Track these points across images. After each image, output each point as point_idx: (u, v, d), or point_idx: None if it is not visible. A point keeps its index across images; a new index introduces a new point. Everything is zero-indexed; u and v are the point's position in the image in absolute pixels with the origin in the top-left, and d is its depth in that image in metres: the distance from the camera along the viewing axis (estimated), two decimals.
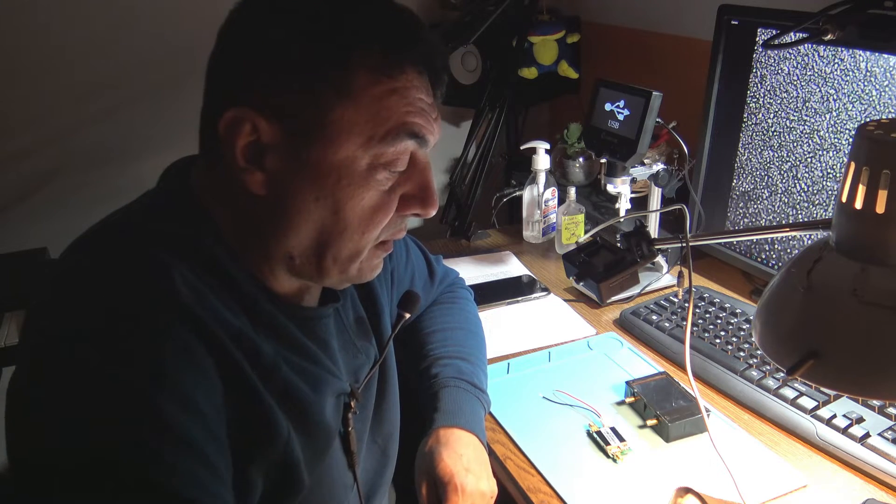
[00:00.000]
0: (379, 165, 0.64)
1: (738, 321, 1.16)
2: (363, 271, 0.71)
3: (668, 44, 1.61)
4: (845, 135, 1.09)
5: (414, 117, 0.64)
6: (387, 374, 0.87)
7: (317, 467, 0.71)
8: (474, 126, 1.66)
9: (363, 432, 0.82)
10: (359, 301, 0.84)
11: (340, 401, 0.76)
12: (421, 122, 0.65)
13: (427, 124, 0.66)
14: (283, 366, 0.67)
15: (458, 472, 0.83)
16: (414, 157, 0.67)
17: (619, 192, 1.34)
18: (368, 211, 0.65)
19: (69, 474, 0.53)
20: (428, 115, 0.66)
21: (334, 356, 0.75)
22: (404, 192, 0.67)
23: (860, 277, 0.56)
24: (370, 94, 0.62)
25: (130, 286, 0.59)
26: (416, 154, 0.67)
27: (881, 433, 0.89)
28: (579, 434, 0.97)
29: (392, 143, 0.63)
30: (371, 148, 0.63)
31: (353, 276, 0.70)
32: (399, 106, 0.63)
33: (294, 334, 0.70)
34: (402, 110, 0.63)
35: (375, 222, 0.66)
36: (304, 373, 0.70)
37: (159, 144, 1.36)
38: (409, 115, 0.64)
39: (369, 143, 0.63)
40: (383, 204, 0.66)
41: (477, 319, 1.11)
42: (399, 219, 0.69)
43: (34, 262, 1.41)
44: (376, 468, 0.86)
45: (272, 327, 0.68)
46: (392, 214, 0.67)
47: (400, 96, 0.63)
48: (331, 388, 0.73)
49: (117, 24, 1.51)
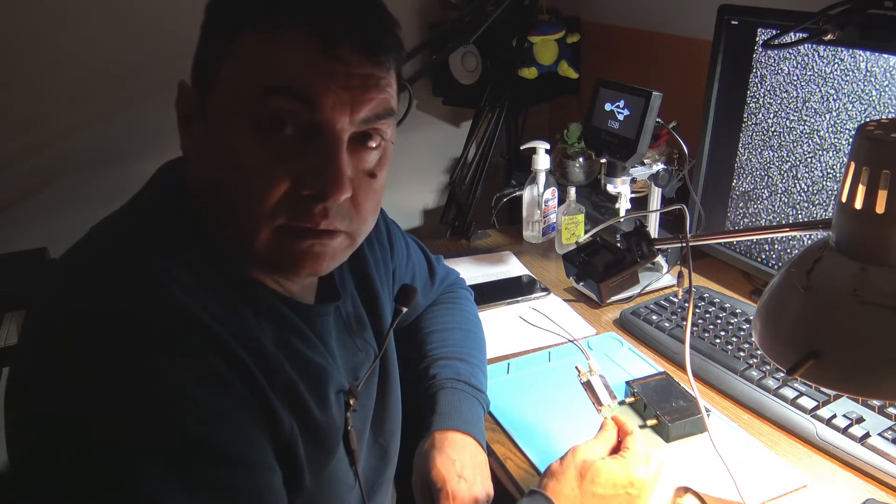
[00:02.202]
0: (260, 125, 0.60)
1: (738, 321, 1.16)
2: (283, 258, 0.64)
3: (668, 44, 1.61)
4: (845, 135, 1.09)
5: (293, 75, 0.59)
6: (388, 372, 0.87)
7: (322, 468, 0.71)
8: (474, 126, 1.65)
9: (363, 431, 0.82)
10: (360, 301, 0.84)
11: (340, 398, 0.76)
12: (301, 82, 0.59)
13: (318, 85, 0.59)
14: (286, 362, 0.67)
15: (450, 479, 0.83)
16: (318, 126, 0.61)
17: (619, 192, 1.34)
18: (249, 172, 0.61)
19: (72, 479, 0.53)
20: (324, 78, 0.60)
21: (333, 353, 0.75)
22: (300, 165, 0.61)
23: (860, 277, 0.56)
24: (252, 52, 0.60)
25: (132, 292, 0.59)
26: (321, 123, 0.61)
27: (881, 433, 0.89)
28: (580, 434, 0.97)
29: (266, 100, 0.60)
30: (250, 105, 0.60)
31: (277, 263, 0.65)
32: (276, 63, 0.60)
33: (296, 322, 0.70)
34: (279, 67, 0.60)
35: (260, 188, 0.61)
36: (307, 366, 0.69)
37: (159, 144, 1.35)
38: (288, 73, 0.59)
39: (248, 98, 0.60)
40: (267, 171, 0.61)
41: (477, 319, 1.11)
42: (299, 199, 0.62)
43: (34, 262, 1.41)
44: (377, 467, 0.86)
45: (274, 315, 0.67)
46: (283, 186, 0.61)
47: (282, 53, 0.59)
48: (332, 382, 0.73)
49: (117, 23, 1.51)
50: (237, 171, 0.62)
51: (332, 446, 0.73)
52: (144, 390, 0.55)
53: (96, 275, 0.61)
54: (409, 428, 0.92)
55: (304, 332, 0.70)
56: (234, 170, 0.62)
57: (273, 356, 0.65)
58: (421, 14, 1.79)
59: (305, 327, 0.71)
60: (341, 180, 0.61)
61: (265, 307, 0.67)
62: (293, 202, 0.62)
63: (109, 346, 0.56)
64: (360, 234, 0.69)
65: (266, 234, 0.63)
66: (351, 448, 0.77)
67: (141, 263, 0.61)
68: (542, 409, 1.03)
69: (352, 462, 0.77)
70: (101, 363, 0.55)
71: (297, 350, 0.69)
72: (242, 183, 0.61)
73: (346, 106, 0.61)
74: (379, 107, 0.63)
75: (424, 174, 2.01)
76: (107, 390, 0.55)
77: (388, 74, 0.64)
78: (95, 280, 0.60)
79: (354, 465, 0.78)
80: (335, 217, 0.63)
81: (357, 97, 0.61)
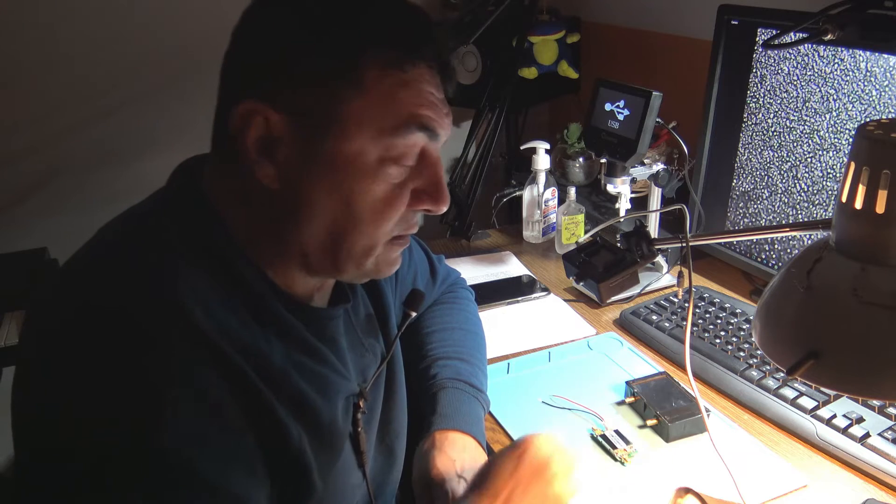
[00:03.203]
0: (389, 159, 0.65)
1: (738, 321, 1.16)
2: (380, 266, 0.71)
3: (668, 44, 1.61)
4: (845, 135, 1.09)
5: (424, 110, 0.65)
6: (394, 372, 0.87)
7: (330, 471, 0.72)
8: (474, 126, 1.65)
9: (371, 432, 0.82)
10: (367, 299, 0.85)
11: (350, 402, 0.76)
12: (431, 115, 0.65)
13: (438, 118, 0.66)
14: (294, 373, 0.67)
15: (450, 479, 0.83)
16: (425, 151, 0.67)
17: (619, 192, 1.34)
18: (379, 204, 0.66)
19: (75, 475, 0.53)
20: (439, 110, 0.66)
21: (343, 356, 0.76)
22: (415, 186, 0.68)
23: (860, 277, 0.56)
24: (381, 88, 0.62)
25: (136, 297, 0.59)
26: (428, 149, 0.67)
27: (881, 433, 0.89)
28: (580, 434, 0.97)
29: (402, 136, 0.64)
30: (381, 141, 0.63)
31: (371, 270, 0.71)
32: (409, 99, 0.64)
33: (303, 335, 0.70)
34: (411, 103, 0.64)
35: (387, 216, 0.67)
36: (315, 377, 0.70)
37: (159, 144, 1.36)
38: (419, 108, 0.64)
39: (380, 135, 0.63)
40: (394, 198, 0.66)
41: (477, 319, 1.11)
42: (411, 213, 0.69)
43: (34, 262, 1.42)
44: (384, 467, 0.86)
45: (281, 328, 0.68)
46: (403, 209, 0.67)
47: (410, 90, 0.64)
48: (341, 390, 0.73)
49: (117, 24, 1.51)
50: (366, 202, 0.65)
51: (339, 449, 0.73)
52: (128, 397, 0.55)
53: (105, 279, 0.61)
54: (409, 429, 0.92)
55: (312, 345, 0.71)
56: (363, 200, 0.65)
57: (279, 368, 0.65)
58: None
59: (314, 338, 0.71)
60: (447, 195, 0.70)
61: (272, 321, 0.67)
62: (405, 218, 0.69)
63: (106, 348, 0.56)
64: None
65: (380, 250, 0.69)
66: (360, 449, 0.77)
67: (153, 273, 0.61)
68: (542, 409, 1.03)
69: (360, 463, 0.78)
70: (93, 365, 0.55)
71: (305, 363, 0.69)
72: (370, 212, 0.66)
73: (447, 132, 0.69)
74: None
75: None
76: (92, 391, 0.55)
77: None
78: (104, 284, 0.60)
79: (363, 467, 0.78)
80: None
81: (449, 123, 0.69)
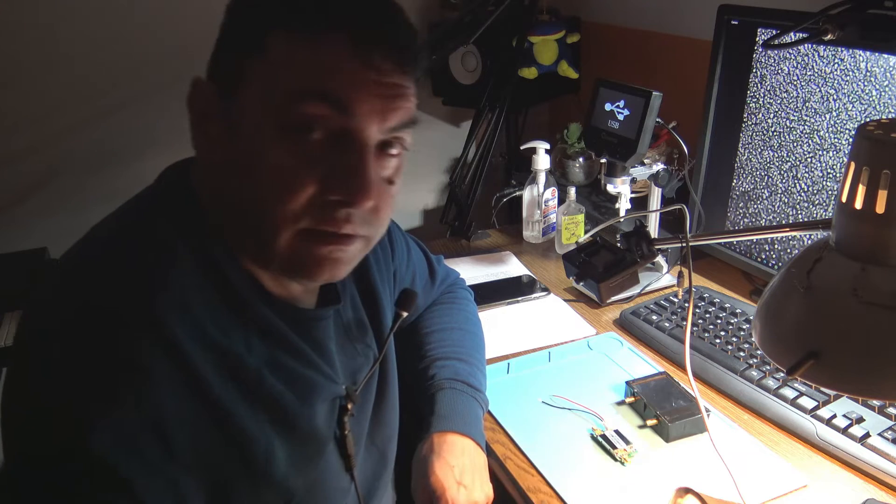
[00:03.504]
0: (288, 127, 0.60)
1: (738, 321, 1.16)
2: (305, 264, 0.65)
3: (668, 44, 1.61)
4: (845, 135, 1.09)
5: (327, 79, 0.59)
6: (387, 375, 0.87)
7: (308, 475, 0.71)
8: (474, 126, 1.66)
9: (361, 434, 0.81)
10: (360, 301, 0.84)
11: (336, 404, 0.75)
12: (336, 87, 0.60)
13: (352, 92, 0.60)
14: (269, 377, 0.66)
15: (449, 487, 0.83)
16: (346, 131, 0.61)
17: (619, 192, 1.34)
18: (275, 175, 0.61)
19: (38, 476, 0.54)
20: (359, 85, 0.60)
21: (331, 358, 0.75)
22: (328, 169, 0.61)
23: (860, 277, 0.56)
24: (282, 53, 0.60)
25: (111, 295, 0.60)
26: (351, 129, 0.61)
27: (881, 433, 0.89)
28: (580, 434, 0.97)
29: (299, 104, 0.59)
30: (279, 107, 0.60)
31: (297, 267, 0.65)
32: (312, 66, 0.59)
33: (288, 336, 0.69)
34: (314, 70, 0.59)
35: (287, 191, 0.61)
36: (295, 379, 0.69)
37: (159, 144, 1.35)
38: (322, 76, 0.59)
39: (280, 100, 0.60)
40: (294, 174, 0.61)
41: (476, 319, 1.11)
42: (327, 204, 0.62)
43: (34, 262, 1.42)
44: (375, 470, 0.85)
45: (265, 329, 0.67)
46: (310, 191, 0.61)
47: (315, 57, 0.59)
48: (323, 392, 0.72)
49: (117, 23, 1.51)
50: (264, 172, 0.61)
51: (319, 453, 0.73)
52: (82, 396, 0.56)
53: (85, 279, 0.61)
54: (408, 429, 0.92)
55: (295, 345, 0.70)
56: (261, 171, 0.61)
57: (254, 371, 0.65)
58: (421, 14, 1.79)
59: (298, 338, 0.70)
60: (369, 187, 0.62)
61: (255, 321, 0.66)
62: (318, 206, 0.62)
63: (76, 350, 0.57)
64: (375, 239, 0.69)
65: (288, 237, 0.63)
66: (347, 453, 0.76)
67: (131, 271, 0.61)
68: (542, 409, 1.03)
69: (347, 466, 0.77)
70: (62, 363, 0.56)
71: (285, 364, 0.68)
72: (269, 185, 0.61)
73: (378, 114, 0.62)
74: (405, 116, 0.64)
75: (424, 174, 2.01)
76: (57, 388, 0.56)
77: (413, 85, 0.65)
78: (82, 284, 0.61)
79: (350, 470, 0.77)
80: (357, 222, 0.64)
81: (388, 105, 0.62)
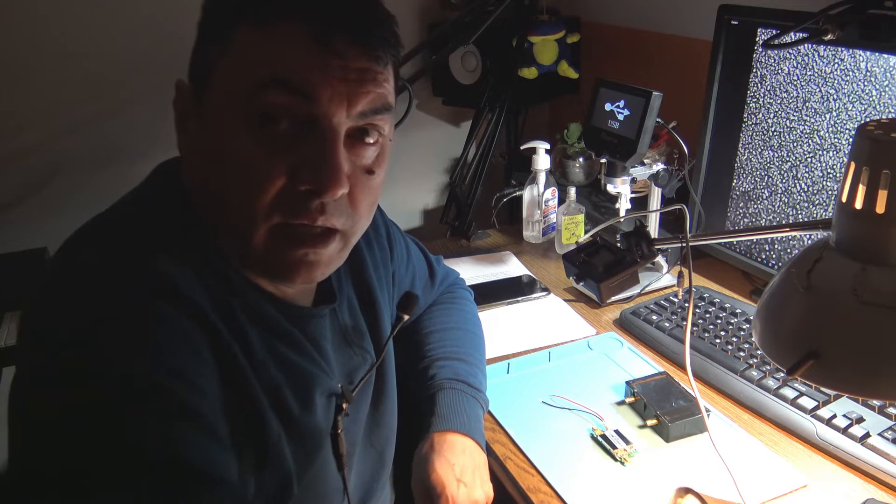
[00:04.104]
0: (254, 118, 0.60)
1: (738, 321, 1.16)
2: (280, 266, 0.64)
3: (668, 44, 1.61)
4: (845, 135, 1.09)
5: (288, 68, 0.59)
6: (385, 377, 0.87)
7: (307, 472, 0.71)
8: (474, 126, 1.66)
9: (356, 435, 0.81)
10: (357, 304, 0.83)
11: (331, 401, 0.75)
12: (295, 74, 0.59)
13: (312, 77, 0.59)
14: (272, 365, 0.67)
15: (449, 484, 0.83)
16: (315, 119, 0.60)
17: (619, 192, 1.34)
18: (244, 167, 0.60)
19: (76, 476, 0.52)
20: (320, 71, 0.59)
21: (327, 356, 0.75)
22: (297, 159, 0.60)
23: (860, 277, 0.56)
24: (246, 46, 0.60)
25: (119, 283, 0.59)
26: (317, 116, 0.60)
27: (881, 433, 0.89)
28: (580, 434, 0.97)
29: (261, 94, 0.59)
30: (245, 99, 0.59)
31: (271, 269, 0.65)
32: (271, 56, 0.59)
33: (286, 327, 0.69)
34: (275, 59, 0.59)
35: (255, 184, 0.60)
36: (293, 370, 0.69)
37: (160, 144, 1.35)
38: (282, 65, 0.59)
39: (242, 93, 0.59)
40: (262, 164, 0.60)
41: (476, 319, 1.11)
42: (298, 197, 0.61)
43: (34, 262, 1.41)
44: (372, 471, 0.85)
45: (262, 318, 0.67)
46: (279, 183, 0.60)
47: (276, 46, 0.59)
48: (321, 386, 0.72)
49: (118, 23, 1.51)
50: (232, 166, 0.61)
51: (315, 450, 0.72)
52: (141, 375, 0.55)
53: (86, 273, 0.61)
54: (409, 429, 0.92)
55: (292, 336, 0.70)
56: (229, 165, 0.61)
57: (259, 354, 0.65)
58: (421, 14, 1.79)
59: (296, 331, 0.70)
60: (338, 174, 0.60)
61: (253, 309, 0.66)
62: (289, 199, 0.61)
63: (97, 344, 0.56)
64: (355, 234, 0.68)
65: (262, 233, 0.62)
66: (339, 452, 0.76)
67: (132, 262, 0.61)
68: (542, 409, 1.03)
69: (340, 466, 0.77)
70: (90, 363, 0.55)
71: (283, 353, 0.69)
72: (237, 179, 0.61)
73: (343, 99, 0.60)
74: (376, 101, 0.63)
75: (424, 174, 2.01)
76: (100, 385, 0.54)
77: (386, 69, 0.64)
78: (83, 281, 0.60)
79: (342, 470, 0.77)
80: (332, 214, 0.63)
81: (354, 90, 0.61)
